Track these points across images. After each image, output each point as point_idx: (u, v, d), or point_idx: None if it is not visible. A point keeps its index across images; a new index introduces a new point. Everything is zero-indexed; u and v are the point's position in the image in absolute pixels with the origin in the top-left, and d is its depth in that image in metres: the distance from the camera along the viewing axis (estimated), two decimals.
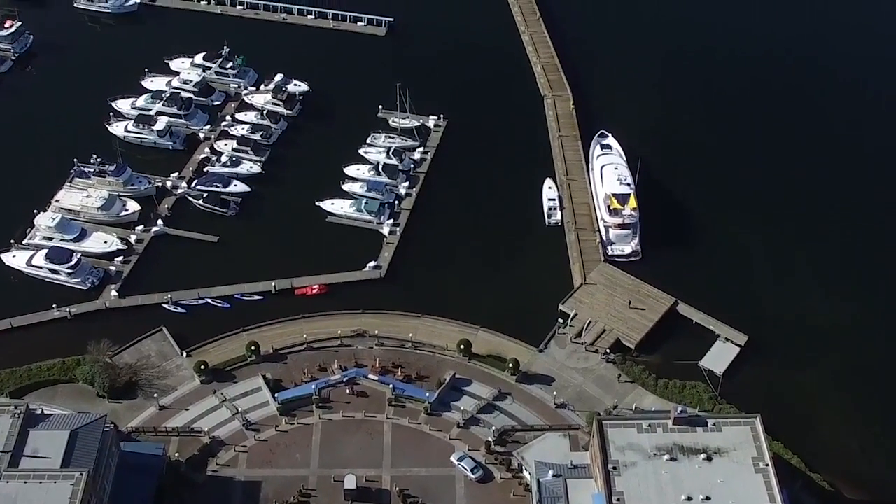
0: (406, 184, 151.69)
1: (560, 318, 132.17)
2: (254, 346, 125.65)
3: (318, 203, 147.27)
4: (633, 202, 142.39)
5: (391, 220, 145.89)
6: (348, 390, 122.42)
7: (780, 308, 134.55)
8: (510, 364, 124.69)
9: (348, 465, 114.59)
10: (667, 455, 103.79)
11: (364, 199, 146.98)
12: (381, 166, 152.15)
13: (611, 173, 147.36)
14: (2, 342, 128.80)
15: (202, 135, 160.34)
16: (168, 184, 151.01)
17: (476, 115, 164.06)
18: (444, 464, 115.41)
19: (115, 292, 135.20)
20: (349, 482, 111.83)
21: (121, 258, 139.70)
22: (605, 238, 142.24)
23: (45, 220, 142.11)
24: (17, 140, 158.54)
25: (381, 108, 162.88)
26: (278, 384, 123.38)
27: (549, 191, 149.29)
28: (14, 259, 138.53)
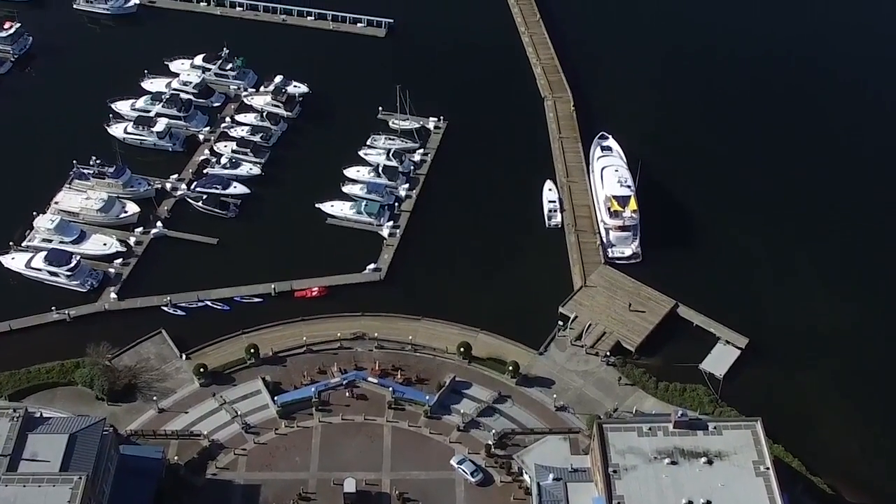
0: (406, 186, 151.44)
1: (560, 321, 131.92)
2: (253, 349, 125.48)
3: (317, 205, 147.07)
4: (633, 204, 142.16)
5: (391, 222, 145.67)
6: (348, 393, 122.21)
7: (781, 310, 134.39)
8: (510, 367, 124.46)
9: (348, 468, 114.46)
10: (667, 458, 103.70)
11: (364, 201, 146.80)
12: (380, 168, 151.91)
13: (611, 175, 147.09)
14: (0, 344, 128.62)
15: (202, 136, 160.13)
16: (167, 186, 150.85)
17: (476, 116, 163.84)
18: (443, 467, 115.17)
19: (114, 294, 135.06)
20: (349, 486, 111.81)
21: (120, 260, 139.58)
22: (605, 240, 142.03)
23: (44, 222, 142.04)
24: (17, 141, 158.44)
25: (380, 109, 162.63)
26: (278, 387, 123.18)
27: (550, 193, 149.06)
28: (13, 261, 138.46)
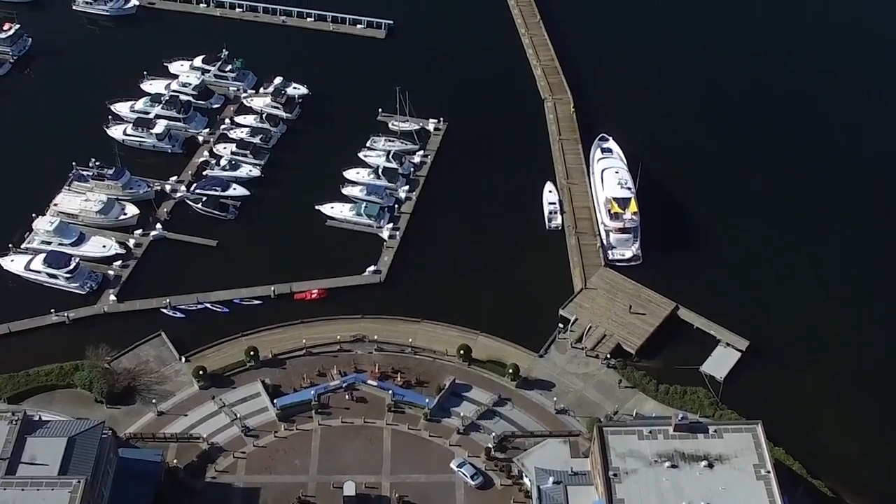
0: (406, 187, 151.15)
1: (560, 323, 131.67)
2: (253, 352, 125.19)
3: (317, 207, 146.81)
4: (633, 206, 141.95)
5: (391, 224, 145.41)
6: (347, 396, 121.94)
7: (782, 313, 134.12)
8: (510, 369, 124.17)
9: (347, 471, 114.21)
10: (668, 462, 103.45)
11: (364, 203, 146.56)
12: (380, 170, 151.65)
13: (611, 177, 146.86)
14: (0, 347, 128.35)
15: (201, 138, 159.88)
16: (167, 187, 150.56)
17: (476, 118, 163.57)
18: (443, 470, 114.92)
19: (113, 297, 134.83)
20: (348, 489, 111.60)
21: (119, 262, 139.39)
22: (605, 242, 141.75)
23: (43, 224, 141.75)
24: (16, 143, 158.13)
25: (380, 111, 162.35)
26: (277, 390, 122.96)
27: (550, 195, 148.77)
28: (12, 263, 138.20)
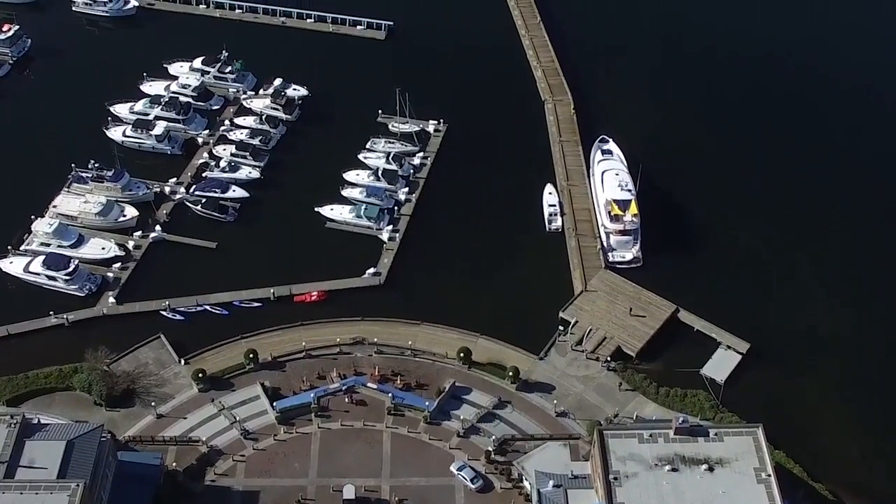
0: (406, 189, 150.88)
1: (560, 326, 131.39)
2: (252, 354, 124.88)
3: (317, 209, 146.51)
4: (634, 208, 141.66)
5: (391, 226, 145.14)
6: (347, 399, 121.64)
7: (782, 315, 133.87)
8: (510, 372, 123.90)
9: (347, 474, 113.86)
10: (668, 465, 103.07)
11: (363, 205, 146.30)
12: (380, 172, 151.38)
13: (612, 179, 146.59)
14: None
15: (201, 140, 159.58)
16: (166, 189, 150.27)
17: (476, 119, 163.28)
18: (443, 473, 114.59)
19: (112, 299, 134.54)
20: (348, 492, 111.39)
21: (118, 264, 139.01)
22: (605, 244, 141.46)
23: (42, 225, 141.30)
24: (15, 145, 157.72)
25: (380, 112, 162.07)
26: (277, 392, 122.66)
27: (550, 196, 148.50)
28: (11, 265, 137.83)
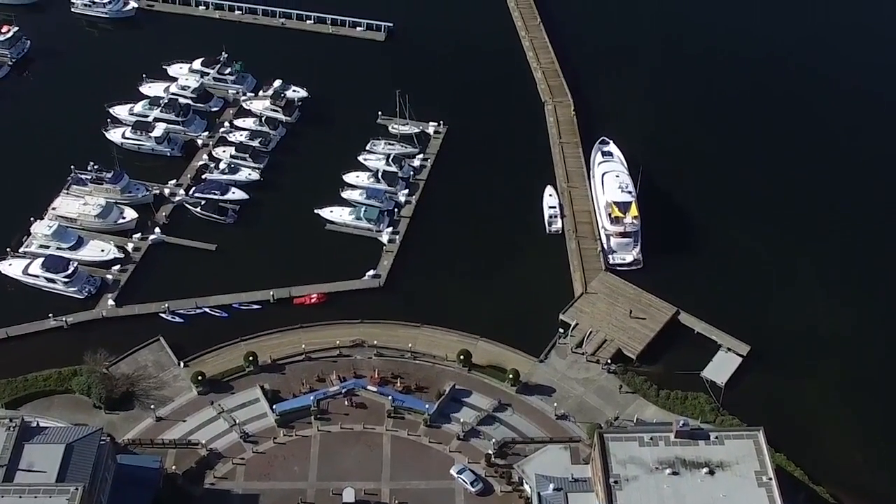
0: (405, 191, 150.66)
1: (561, 328, 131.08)
2: (252, 357, 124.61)
3: (316, 211, 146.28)
4: (634, 210, 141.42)
5: (390, 228, 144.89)
6: (347, 402, 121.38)
7: (783, 317, 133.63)
8: (510, 375, 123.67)
9: (347, 477, 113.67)
10: (669, 469, 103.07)
11: (363, 207, 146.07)
12: (380, 173, 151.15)
13: (612, 181, 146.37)
14: None
15: (200, 141, 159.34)
16: (166, 191, 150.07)
17: (476, 121, 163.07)
18: (443, 476, 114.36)
19: (111, 301, 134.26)
20: (348, 495, 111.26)
21: (118, 267, 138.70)
22: (606, 246, 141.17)
23: (41, 228, 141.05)
24: (14, 146, 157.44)
25: (380, 114, 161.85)
26: (276, 395, 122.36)
27: (550, 198, 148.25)
28: (10, 267, 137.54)
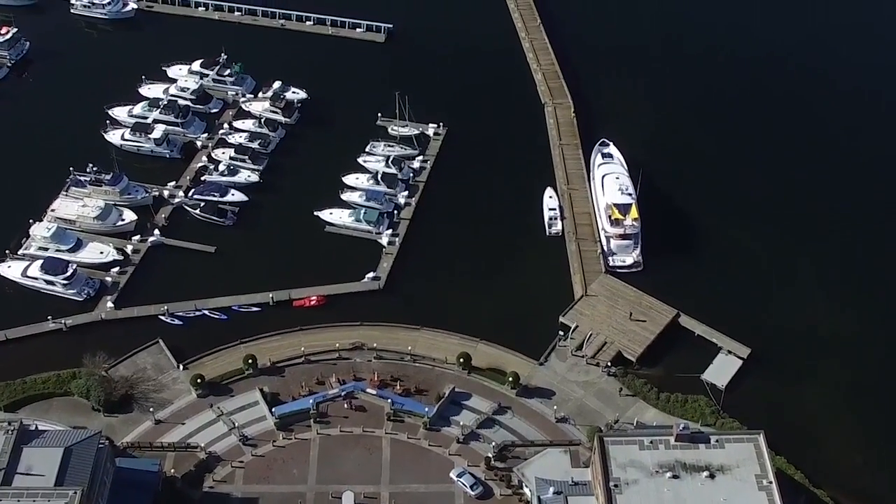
0: (405, 193, 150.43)
1: (561, 331, 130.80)
2: (251, 359, 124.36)
3: (316, 213, 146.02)
4: (634, 212, 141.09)
5: (390, 230, 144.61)
6: (346, 405, 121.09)
7: (784, 320, 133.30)
8: (510, 377, 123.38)
9: (346, 481, 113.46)
10: (669, 472, 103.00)
11: (363, 209, 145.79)
12: (379, 175, 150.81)
13: (612, 183, 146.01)
14: None
15: (199, 143, 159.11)
16: (165, 193, 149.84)
17: (476, 123, 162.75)
18: (443, 480, 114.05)
19: (110, 304, 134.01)
20: (347, 499, 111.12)
21: (117, 269, 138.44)
22: (606, 249, 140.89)
23: (40, 230, 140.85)
24: (13, 148, 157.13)
25: (380, 116, 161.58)
26: (276, 398, 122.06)
27: (550, 200, 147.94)
28: (9, 270, 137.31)
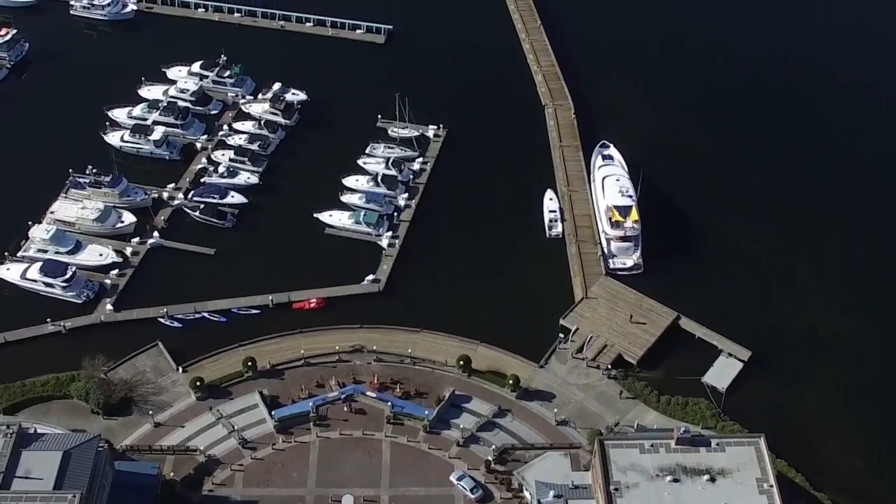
0: (405, 195, 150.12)
1: (561, 333, 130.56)
2: (250, 362, 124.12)
3: (316, 215, 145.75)
4: (634, 214, 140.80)
5: (390, 232, 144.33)
6: (346, 407, 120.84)
7: (784, 322, 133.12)
8: (510, 380, 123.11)
9: (346, 484, 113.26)
10: (669, 476, 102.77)
11: (363, 211, 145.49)
12: (379, 177, 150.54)
13: (612, 185, 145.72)
14: None
15: (199, 145, 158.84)
16: (164, 195, 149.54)
17: (476, 124, 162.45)
18: (443, 483, 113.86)
19: (110, 306, 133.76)
20: (347, 502, 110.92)
21: (116, 271, 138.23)
22: (606, 251, 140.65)
23: (39, 232, 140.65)
24: (12, 149, 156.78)
25: (380, 117, 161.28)
26: (275, 401, 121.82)
27: (550, 202, 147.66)
28: (8, 272, 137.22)
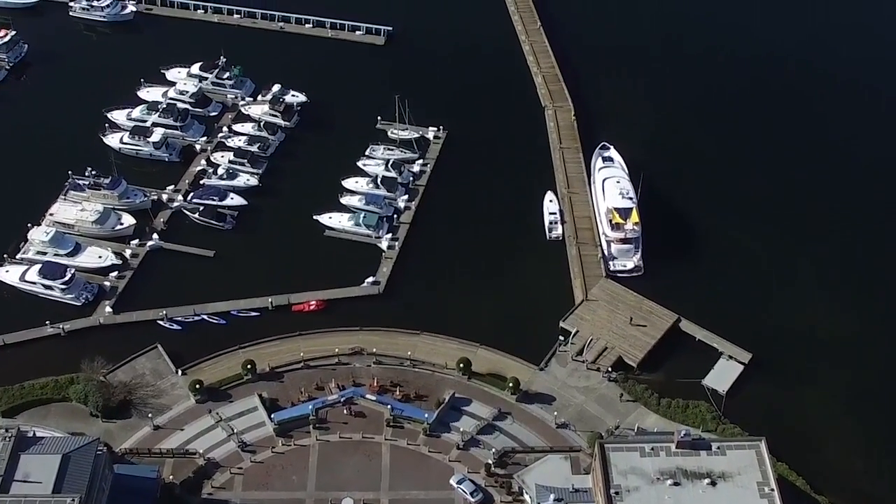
0: (405, 197, 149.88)
1: (561, 336, 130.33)
2: (250, 365, 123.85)
3: (315, 217, 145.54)
4: (635, 216, 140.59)
5: (390, 234, 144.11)
6: (346, 410, 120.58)
7: (785, 325, 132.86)
8: (510, 383, 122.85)
9: (345, 487, 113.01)
10: (670, 480, 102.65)
11: (362, 213, 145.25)
12: (379, 179, 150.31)
13: (613, 187, 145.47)
14: None
15: (198, 147, 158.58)
16: (164, 197, 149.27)
17: (476, 126, 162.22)
18: (443, 486, 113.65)
19: (109, 308, 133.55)
20: None
21: (115, 273, 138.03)
22: (606, 253, 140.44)
23: (38, 234, 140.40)
24: (11, 151, 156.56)
25: (379, 119, 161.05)
26: (275, 404, 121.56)
27: (550, 204, 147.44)
28: (7, 274, 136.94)
